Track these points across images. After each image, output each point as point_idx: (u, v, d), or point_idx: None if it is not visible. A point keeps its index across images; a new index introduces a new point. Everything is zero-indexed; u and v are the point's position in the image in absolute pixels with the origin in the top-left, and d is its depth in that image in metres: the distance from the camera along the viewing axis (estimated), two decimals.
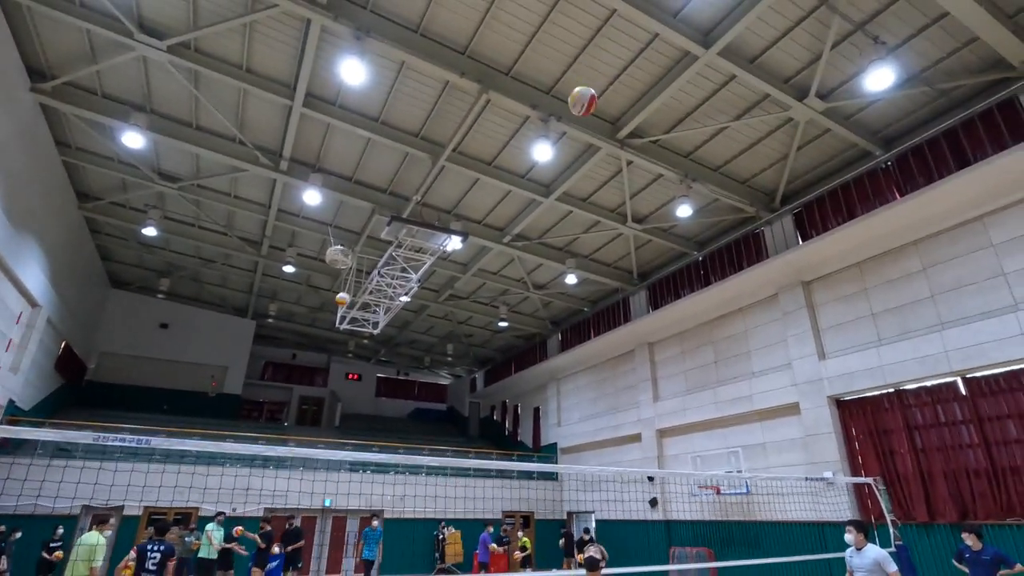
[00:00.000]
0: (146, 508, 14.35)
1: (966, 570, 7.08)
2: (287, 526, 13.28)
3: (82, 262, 17.58)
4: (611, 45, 9.99)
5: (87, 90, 11.64)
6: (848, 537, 5.70)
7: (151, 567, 6.99)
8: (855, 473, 11.00)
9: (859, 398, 11.41)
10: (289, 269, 18.25)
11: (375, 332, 17.74)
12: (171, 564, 7.15)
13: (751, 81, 10.27)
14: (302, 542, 13.25)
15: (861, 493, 11.00)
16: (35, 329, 14.48)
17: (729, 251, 14.78)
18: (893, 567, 5.46)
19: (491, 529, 14.18)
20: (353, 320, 16.86)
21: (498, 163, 13.20)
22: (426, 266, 13.59)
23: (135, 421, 17.42)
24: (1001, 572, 6.74)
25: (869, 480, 7.95)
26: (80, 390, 20.25)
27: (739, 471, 13.24)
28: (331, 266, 14.27)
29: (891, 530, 7.27)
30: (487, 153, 12.93)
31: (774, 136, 11.98)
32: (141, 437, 4.48)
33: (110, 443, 4.36)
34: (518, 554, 14.54)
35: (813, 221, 12.72)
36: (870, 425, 11.04)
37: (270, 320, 24.52)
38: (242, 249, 17.72)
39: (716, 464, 14.13)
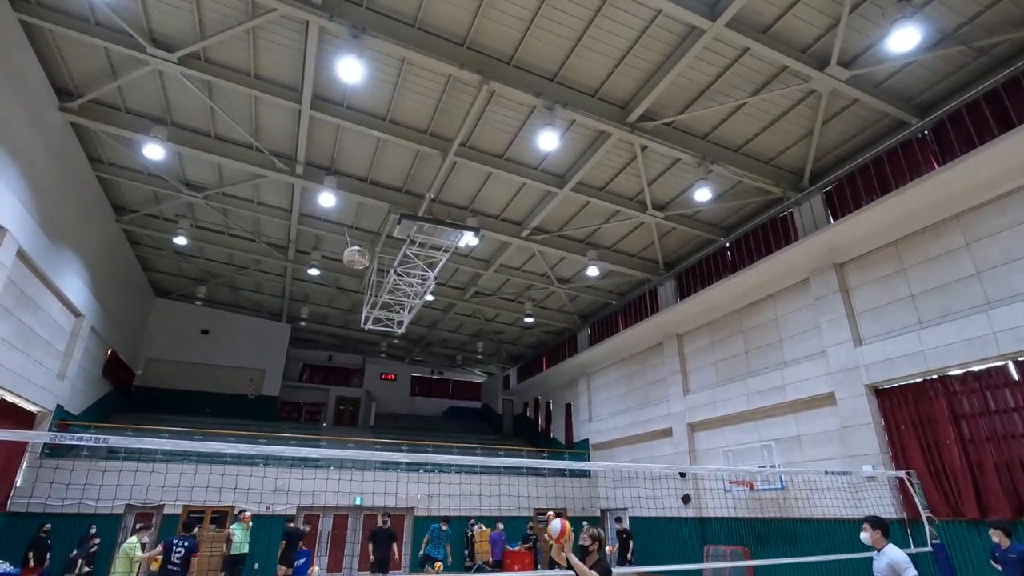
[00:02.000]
0: (185, 507, 14.89)
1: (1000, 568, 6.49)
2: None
3: (123, 273, 18.43)
4: (612, 25, 9.62)
5: (111, 106, 12.13)
6: (864, 536, 5.05)
7: (176, 560, 7.19)
8: (897, 467, 10.25)
9: (899, 386, 10.62)
10: (314, 272, 18.60)
11: (400, 331, 17.85)
12: (195, 559, 7.32)
13: (766, 53, 9.69)
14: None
15: (905, 488, 10.23)
16: (79, 337, 15.26)
17: (756, 236, 14.09)
18: (912, 572, 4.80)
19: (500, 527, 13.96)
20: (377, 320, 17.01)
21: (509, 156, 13.00)
22: (442, 263, 13.54)
23: (179, 424, 18.17)
24: None
25: (901, 473, 7.33)
26: (129, 395, 21.27)
27: (772, 465, 12.60)
28: (349, 267, 14.40)
29: (927, 528, 6.67)
30: (497, 146, 12.75)
31: (797, 111, 11.30)
32: (177, 440, 4.53)
33: (146, 446, 4.44)
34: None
35: (844, 199, 11.94)
36: (912, 415, 10.26)
37: (303, 323, 25.13)
38: (270, 255, 18.18)
39: (749, 458, 13.51)
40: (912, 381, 10.38)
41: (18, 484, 13.36)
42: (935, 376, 10.00)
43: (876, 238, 11.28)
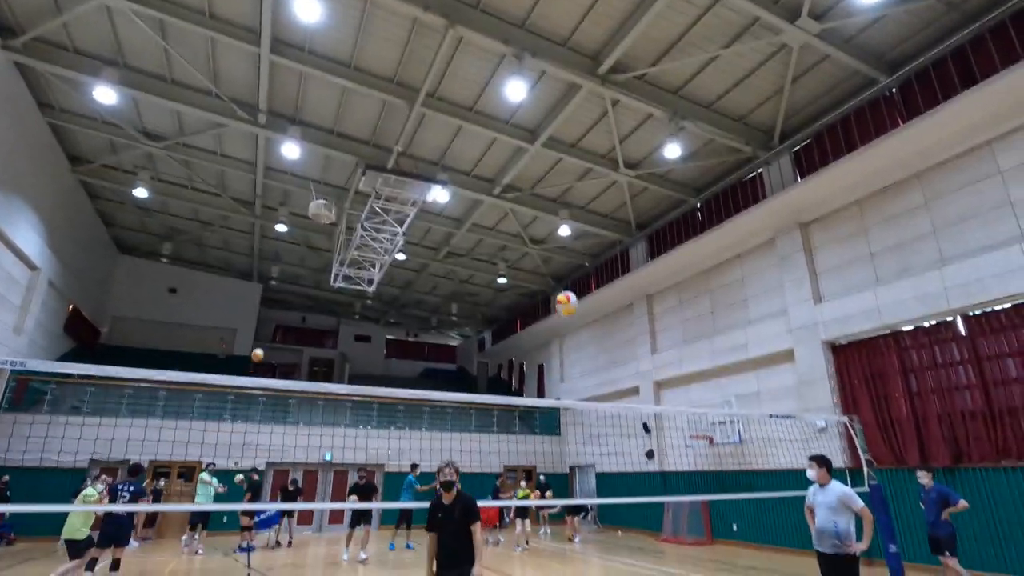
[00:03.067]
0: (151, 462, 14.84)
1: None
2: (290, 485, 13.46)
3: (82, 226, 17.82)
4: None
5: (59, 46, 11.47)
6: (810, 473, 5.29)
7: (121, 504, 7.18)
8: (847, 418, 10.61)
9: (854, 342, 10.91)
10: (282, 228, 18.21)
11: (371, 290, 17.70)
12: (141, 502, 7.34)
13: (738, 3, 9.52)
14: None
15: (852, 439, 10.61)
16: (36, 292, 14.81)
17: (726, 196, 14.12)
18: (859, 503, 5.07)
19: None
20: (347, 278, 16.82)
21: (479, 108, 12.71)
22: (410, 218, 13.35)
23: (145, 381, 17.93)
24: (947, 510, 6.44)
25: (844, 419, 7.60)
26: (93, 353, 20.85)
27: (732, 420, 12.96)
28: (316, 221, 14.11)
29: (865, 469, 6.96)
30: (466, 98, 12.44)
31: (768, 66, 11.18)
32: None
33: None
34: None
35: (812, 159, 11.98)
36: (865, 369, 10.58)
37: (274, 283, 24.77)
38: (236, 210, 17.71)
39: (711, 415, 13.87)
40: (866, 337, 10.66)
41: None
42: (888, 332, 10.28)
43: (840, 197, 11.39)
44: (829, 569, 5.07)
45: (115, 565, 7.39)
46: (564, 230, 16.91)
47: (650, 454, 15.59)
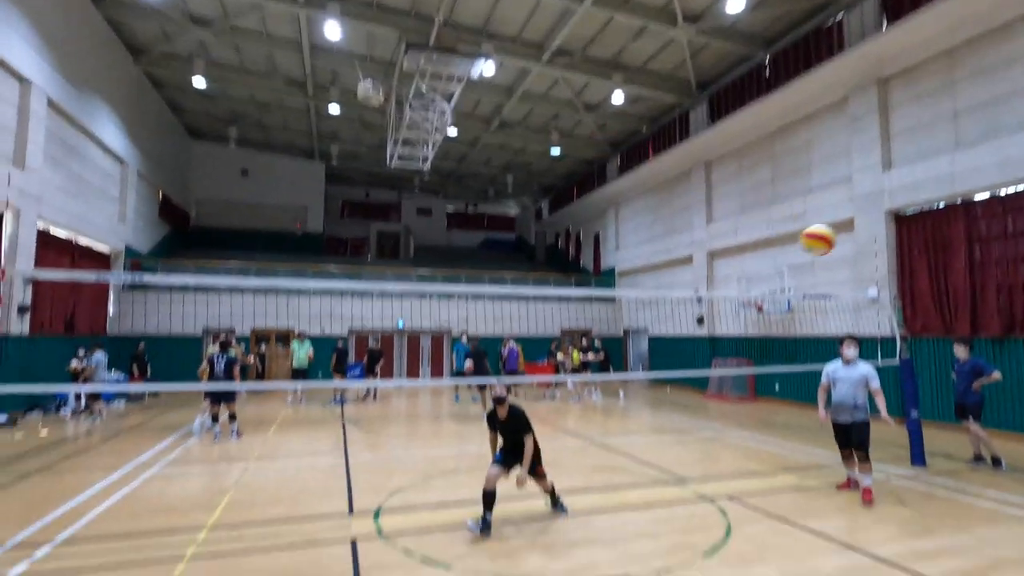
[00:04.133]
0: (252, 330, 17.14)
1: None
2: (369, 347, 15.18)
3: (154, 116, 18.78)
4: None
5: None
6: (851, 352, 5.66)
7: (218, 372, 8.80)
8: (901, 290, 10.54)
9: (920, 211, 10.39)
10: (335, 110, 18.39)
11: (425, 168, 18.04)
12: (236, 369, 8.95)
13: None
14: (381, 361, 15.10)
15: (907, 307, 10.61)
16: (128, 183, 16.32)
17: (797, 49, 12.77)
18: (877, 383, 5.53)
19: (512, 343, 14.84)
20: (401, 157, 17.16)
21: None
22: (456, 94, 13.16)
23: (235, 259, 19.97)
24: (978, 380, 6.66)
25: (884, 295, 7.64)
26: (187, 234, 23.10)
27: (783, 289, 13.08)
28: (364, 103, 14.20)
29: (899, 344, 7.17)
30: None
31: None
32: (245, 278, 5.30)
33: (219, 283, 5.23)
34: None
35: (900, 0, 10.46)
36: (928, 240, 10.19)
37: (335, 161, 25.52)
38: (290, 92, 17.96)
39: (763, 284, 14.00)
40: (934, 206, 10.11)
41: (111, 314, 15.57)
42: (960, 200, 9.69)
43: (930, 45, 10.10)
44: (846, 438, 5.66)
45: (232, 416, 9.19)
46: (618, 96, 16.07)
47: (701, 320, 16.18)
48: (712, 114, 15.90)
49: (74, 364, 11.30)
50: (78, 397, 11.72)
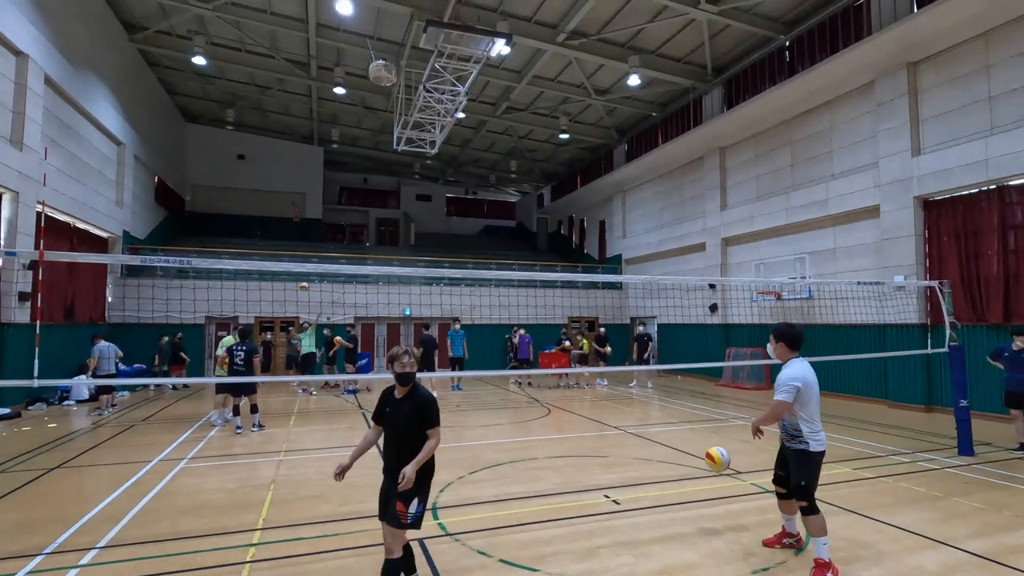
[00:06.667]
0: (256, 318, 16.69)
1: (1000, 367, 7.13)
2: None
3: (149, 97, 18.10)
4: None
5: None
6: (770, 348, 4.26)
7: (239, 362, 8.40)
8: (931, 277, 10.42)
9: (951, 197, 10.26)
10: (340, 91, 17.85)
11: (433, 151, 17.61)
12: (256, 360, 8.50)
13: None
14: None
15: (933, 296, 10.50)
16: (125, 166, 15.70)
17: (822, 31, 12.53)
18: (780, 394, 3.75)
19: (522, 332, 15.43)
20: (409, 140, 16.71)
21: None
22: (473, 75, 12.74)
23: (234, 246, 19.44)
24: None
25: (934, 283, 7.49)
26: (183, 220, 22.45)
27: (803, 277, 12.95)
28: (376, 84, 13.73)
29: (948, 332, 7.03)
30: None
31: None
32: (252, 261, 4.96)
33: (224, 266, 4.88)
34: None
35: None
36: (958, 226, 10.07)
37: (335, 146, 24.92)
38: (292, 72, 17.36)
39: (781, 271, 13.86)
40: (966, 192, 9.98)
41: (109, 300, 15.04)
42: (994, 186, 9.56)
43: (964, 28, 9.90)
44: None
45: (254, 408, 8.85)
46: (634, 79, 15.73)
47: (714, 307, 16.04)
48: (728, 99, 15.64)
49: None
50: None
